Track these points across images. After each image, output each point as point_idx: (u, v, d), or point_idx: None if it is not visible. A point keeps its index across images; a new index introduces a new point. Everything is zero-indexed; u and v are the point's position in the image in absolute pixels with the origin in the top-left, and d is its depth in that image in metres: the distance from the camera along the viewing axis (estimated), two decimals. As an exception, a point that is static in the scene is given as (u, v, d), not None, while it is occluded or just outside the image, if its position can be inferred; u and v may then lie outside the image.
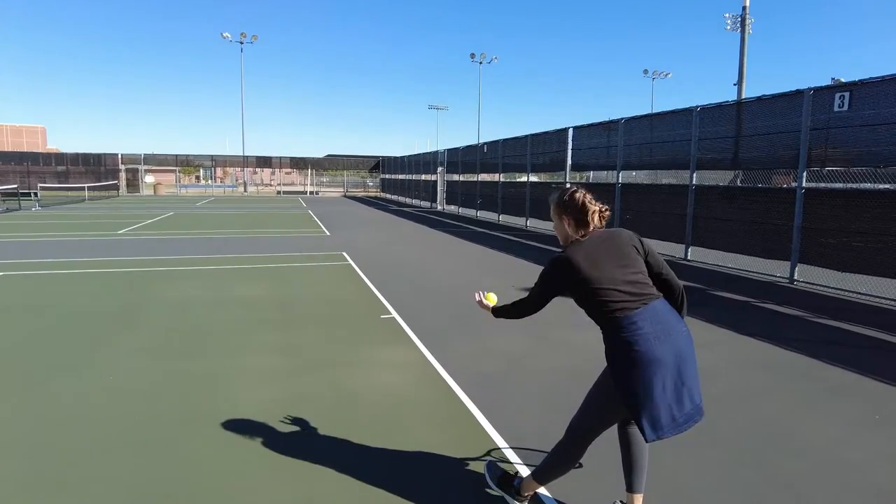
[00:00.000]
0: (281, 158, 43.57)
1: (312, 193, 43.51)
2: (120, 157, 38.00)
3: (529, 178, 17.84)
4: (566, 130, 15.28)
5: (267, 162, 43.34)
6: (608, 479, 2.78)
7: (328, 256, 10.42)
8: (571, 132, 15.08)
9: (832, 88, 8.04)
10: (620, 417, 2.35)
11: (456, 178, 24.95)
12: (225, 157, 44.06)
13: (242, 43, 44.47)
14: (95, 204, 26.09)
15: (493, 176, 20.91)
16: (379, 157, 45.55)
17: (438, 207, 26.86)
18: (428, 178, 29.55)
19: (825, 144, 8.13)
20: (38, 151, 47.32)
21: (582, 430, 2.36)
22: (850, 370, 4.54)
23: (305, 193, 43.53)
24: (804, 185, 8.29)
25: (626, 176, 12.83)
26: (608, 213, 2.34)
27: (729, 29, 27.21)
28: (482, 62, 47.57)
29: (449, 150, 26.20)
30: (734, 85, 26.08)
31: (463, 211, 23.49)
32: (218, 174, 54.04)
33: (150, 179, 42.12)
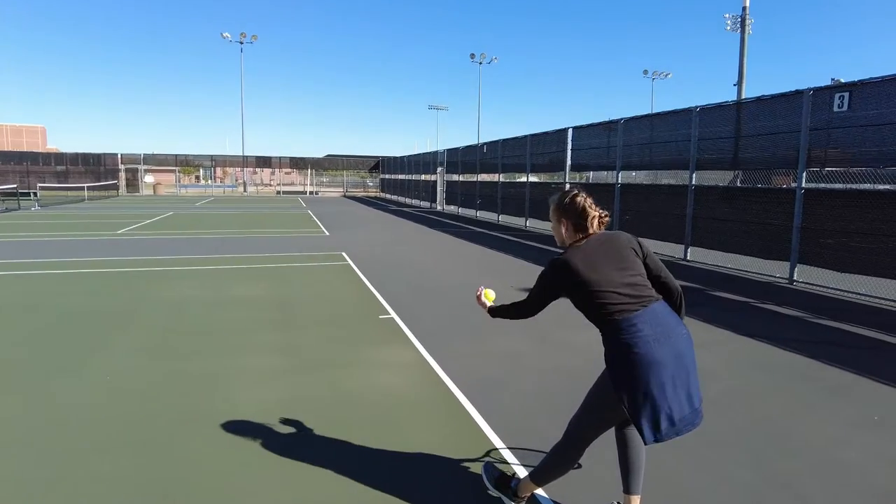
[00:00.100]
0: (280, 158, 43.59)
1: (312, 193, 43.51)
2: (120, 156, 38.01)
3: (529, 178, 17.85)
4: (566, 131, 15.28)
5: (267, 162, 43.34)
6: (606, 479, 2.78)
7: (327, 256, 10.42)
8: (571, 132, 15.08)
9: (832, 89, 8.03)
10: (619, 419, 2.34)
11: (455, 178, 24.95)
12: (225, 157, 44.07)
13: (242, 43, 44.47)
14: (95, 204, 26.09)
15: (492, 176, 20.91)
16: (379, 157, 45.56)
17: (438, 207, 26.86)
18: (428, 178, 29.55)
19: (825, 146, 8.13)
20: (37, 151, 47.28)
21: (580, 431, 2.35)
22: (848, 371, 4.54)
23: (305, 193, 43.52)
24: (804, 185, 8.28)
25: (625, 176, 12.83)
26: (608, 218, 2.33)
27: (729, 29, 27.24)
28: (482, 62, 47.57)
29: (449, 150, 26.20)
30: (734, 85, 26.11)
31: (462, 211, 23.49)
32: (218, 174, 54.04)
33: (149, 179, 42.11)
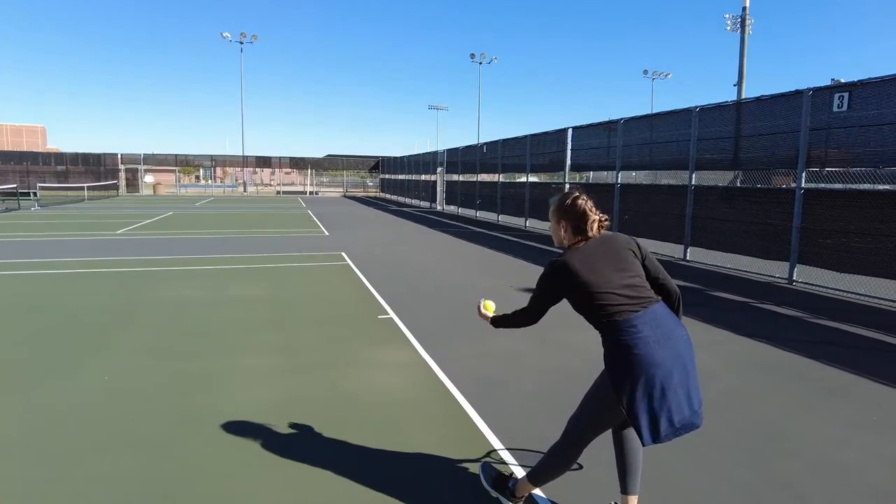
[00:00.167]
0: (280, 158, 43.60)
1: (312, 193, 43.51)
2: (119, 156, 38.03)
3: (529, 178, 17.85)
4: (565, 131, 15.28)
5: (266, 162, 43.35)
6: (603, 480, 2.78)
7: (327, 256, 10.41)
8: (571, 132, 15.08)
9: (831, 89, 8.03)
10: (618, 421, 2.33)
11: (455, 178, 24.95)
12: (224, 156, 44.08)
13: (242, 43, 44.47)
14: (95, 204, 26.09)
15: (492, 176, 20.91)
16: (379, 157, 45.57)
17: (438, 208, 26.86)
18: (427, 178, 29.56)
19: (825, 146, 8.13)
20: (37, 151, 47.27)
21: (579, 432, 2.35)
22: (847, 371, 4.54)
23: (305, 193, 43.53)
24: (803, 185, 8.28)
25: (625, 176, 12.83)
26: (607, 223, 2.32)
27: (729, 29, 27.26)
28: (482, 62, 47.57)
29: (448, 150, 26.20)
30: (734, 85, 26.14)
31: (462, 211, 23.49)
32: (217, 174, 54.05)
33: (149, 179, 42.11)
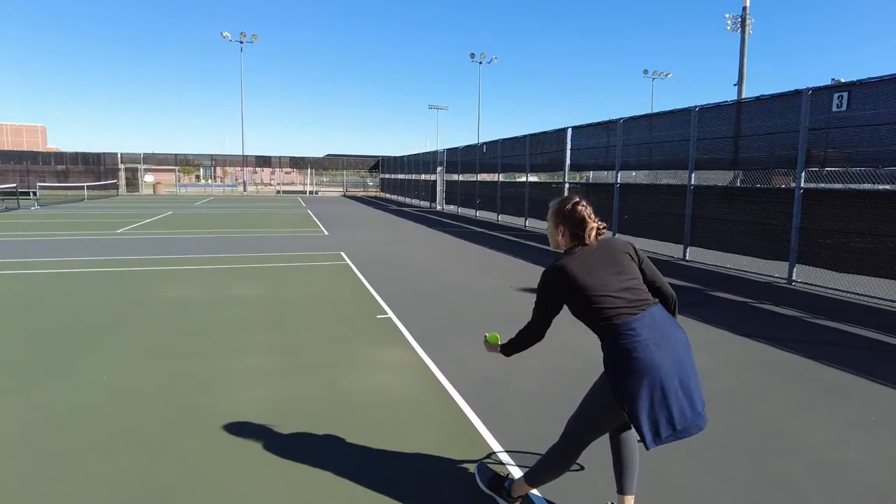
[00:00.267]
0: (280, 158, 43.60)
1: (312, 193, 43.50)
2: (119, 156, 38.03)
3: (528, 178, 17.85)
4: (565, 130, 15.28)
5: (266, 161, 43.35)
6: (599, 480, 2.78)
7: (326, 256, 10.41)
8: (570, 132, 15.08)
9: (830, 88, 8.03)
10: (619, 423, 2.32)
11: (455, 177, 24.95)
12: (224, 156, 44.07)
13: (242, 42, 44.48)
14: (94, 203, 26.09)
15: (492, 176, 20.92)
16: (379, 156, 45.57)
17: (438, 207, 26.85)
18: (427, 177, 29.55)
19: (824, 146, 8.13)
20: (37, 150, 47.30)
21: (577, 434, 2.34)
22: (846, 371, 4.54)
23: (305, 193, 43.51)
24: (803, 185, 8.28)
25: (624, 176, 12.83)
26: (605, 231, 2.32)
27: (729, 29, 27.22)
28: (482, 62, 47.59)
29: (448, 149, 26.19)
30: (734, 85, 26.10)
31: (462, 211, 23.49)
32: (217, 174, 54.02)
33: (149, 179, 42.09)
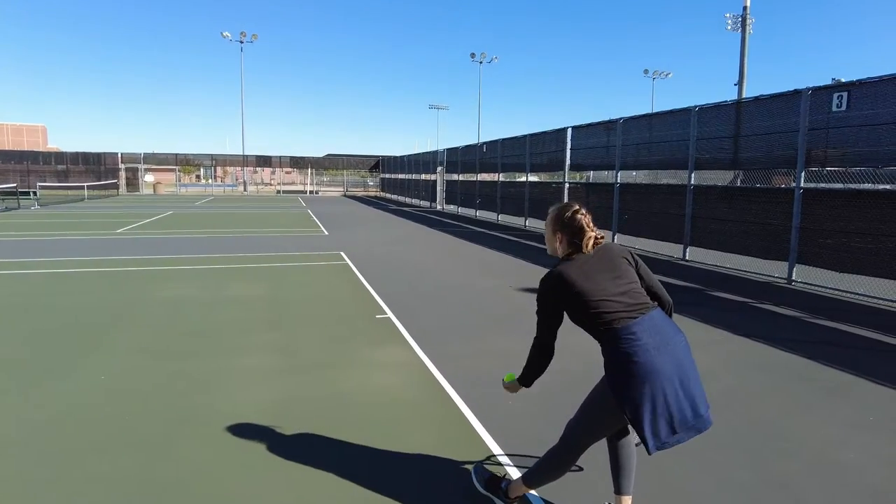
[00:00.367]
0: (281, 158, 43.59)
1: (312, 193, 43.51)
2: (120, 156, 38.03)
3: (528, 177, 17.84)
4: (565, 130, 15.27)
5: (267, 161, 43.35)
6: (598, 480, 2.77)
7: (326, 256, 10.41)
8: (570, 132, 15.07)
9: (830, 88, 8.02)
10: (619, 426, 2.31)
11: (455, 177, 24.95)
12: (225, 156, 44.09)
13: (242, 42, 44.50)
14: (95, 203, 26.09)
15: (492, 176, 20.91)
16: (379, 156, 45.56)
17: (438, 207, 26.85)
18: (427, 177, 29.55)
19: (824, 146, 8.12)
20: (37, 150, 47.32)
21: (577, 437, 2.33)
22: (846, 371, 4.53)
23: (305, 193, 43.52)
24: (802, 185, 8.28)
25: (624, 176, 12.82)
26: (603, 240, 2.33)
27: (729, 29, 27.21)
28: (482, 62, 47.65)
29: (448, 149, 26.19)
30: (735, 85, 26.10)
31: (462, 210, 23.49)
32: (218, 173, 54.06)
33: (149, 178, 42.12)
